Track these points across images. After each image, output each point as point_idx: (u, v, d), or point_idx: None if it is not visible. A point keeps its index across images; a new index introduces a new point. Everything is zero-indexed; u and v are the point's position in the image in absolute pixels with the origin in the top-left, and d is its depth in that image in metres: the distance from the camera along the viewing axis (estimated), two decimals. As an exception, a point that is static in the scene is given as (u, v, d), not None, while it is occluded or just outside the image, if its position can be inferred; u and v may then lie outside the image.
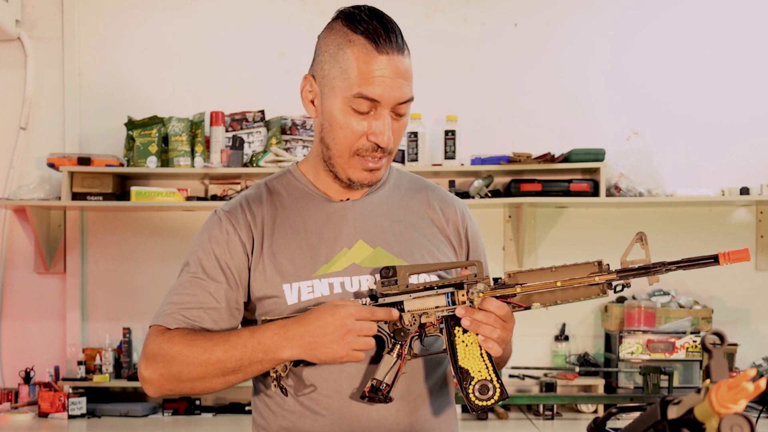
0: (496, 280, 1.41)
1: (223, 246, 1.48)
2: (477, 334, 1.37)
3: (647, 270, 1.36)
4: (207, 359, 1.37)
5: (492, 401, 1.37)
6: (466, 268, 1.43)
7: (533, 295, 1.39)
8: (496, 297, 1.39)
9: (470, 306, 1.39)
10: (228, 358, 1.37)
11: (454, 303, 1.40)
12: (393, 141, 1.45)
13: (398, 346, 1.40)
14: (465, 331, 1.38)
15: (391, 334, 1.40)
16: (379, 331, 1.40)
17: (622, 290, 1.41)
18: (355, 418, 1.44)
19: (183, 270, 1.50)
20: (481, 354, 1.38)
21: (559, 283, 1.37)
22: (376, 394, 1.39)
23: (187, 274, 1.48)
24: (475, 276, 1.41)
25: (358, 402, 1.44)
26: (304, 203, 1.52)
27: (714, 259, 1.33)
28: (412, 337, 1.41)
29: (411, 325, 1.40)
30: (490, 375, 1.38)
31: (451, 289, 1.40)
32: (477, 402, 1.38)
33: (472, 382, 1.38)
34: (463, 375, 1.38)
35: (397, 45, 1.41)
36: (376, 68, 1.39)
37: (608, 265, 1.39)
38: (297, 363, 1.40)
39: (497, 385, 1.37)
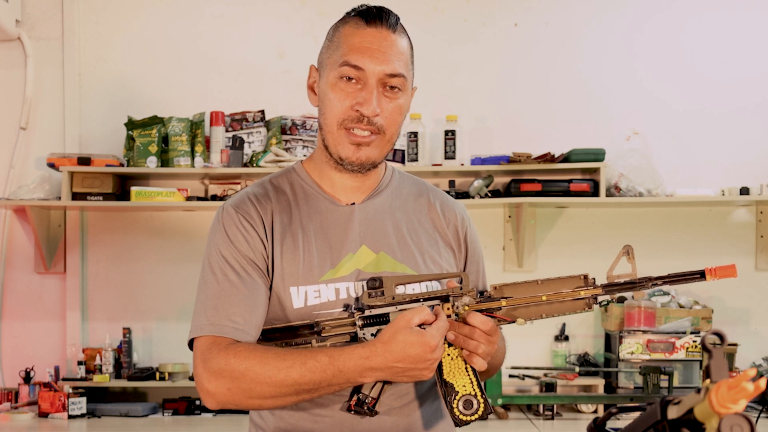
0: (481, 293, 1.41)
1: (244, 242, 1.45)
2: (462, 348, 1.38)
3: (633, 285, 1.37)
4: (282, 380, 1.34)
5: (476, 417, 1.38)
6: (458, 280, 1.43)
7: (518, 308, 1.39)
8: (482, 310, 1.39)
9: (456, 319, 1.39)
10: (305, 381, 1.33)
11: None
12: (382, 117, 1.44)
13: None
14: (450, 344, 1.38)
15: None
16: (364, 339, 1.40)
17: (607, 305, 1.42)
18: (356, 421, 1.44)
19: (209, 273, 1.45)
20: (466, 368, 1.38)
21: (544, 297, 1.38)
22: (361, 407, 1.38)
23: (218, 277, 1.44)
24: (461, 288, 1.40)
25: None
26: (311, 205, 1.51)
27: (701, 275, 1.34)
28: None
29: None
30: (474, 390, 1.38)
31: (436, 302, 1.40)
32: (461, 417, 1.38)
33: (457, 397, 1.38)
34: (447, 389, 1.38)
35: (387, 22, 1.45)
36: (363, 38, 1.44)
37: (594, 279, 1.40)
38: None
39: (481, 401, 1.38)
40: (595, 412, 3.27)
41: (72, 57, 3.57)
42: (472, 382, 1.38)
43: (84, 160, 3.36)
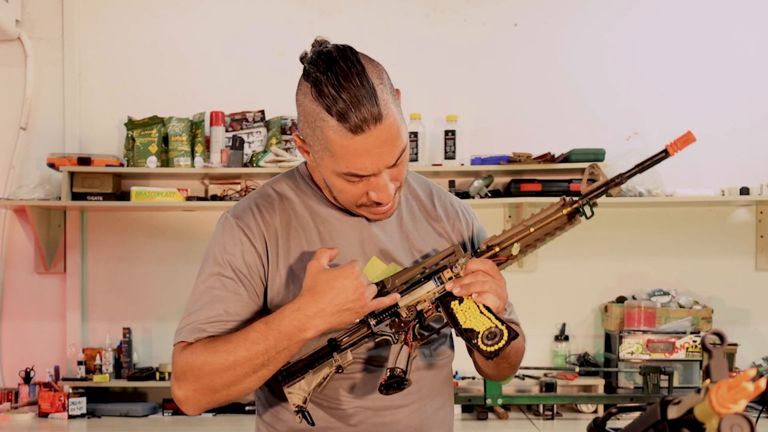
0: (475, 251, 1.44)
1: (239, 257, 1.44)
2: (471, 296, 1.38)
3: (607, 185, 1.45)
4: (234, 361, 1.34)
5: (503, 342, 1.37)
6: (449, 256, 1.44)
7: (513, 245, 1.43)
8: None
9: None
10: (254, 355, 1.34)
11: (442, 284, 1.41)
12: (395, 189, 1.41)
13: (402, 335, 1.41)
14: (461, 302, 1.39)
15: (393, 331, 1.41)
16: (381, 333, 1.41)
17: (592, 215, 1.46)
18: (370, 417, 1.46)
19: (201, 281, 1.45)
20: (481, 311, 1.39)
21: (532, 229, 1.43)
22: (393, 379, 1.38)
23: (204, 287, 1.44)
24: (455, 254, 1.43)
25: (369, 406, 1.45)
26: (317, 213, 1.49)
27: (664, 152, 1.39)
28: (414, 326, 1.42)
29: (409, 317, 1.42)
30: (493, 323, 1.38)
31: (437, 276, 1.42)
32: (488, 349, 1.37)
33: (479, 336, 1.37)
34: (469, 334, 1.38)
35: (372, 114, 1.30)
36: (358, 148, 1.32)
37: (572, 197, 1.46)
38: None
39: (503, 328, 1.37)
40: (595, 412, 3.27)
41: (72, 57, 3.57)
42: (489, 318, 1.38)
43: (84, 160, 3.36)
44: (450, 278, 1.41)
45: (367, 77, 1.32)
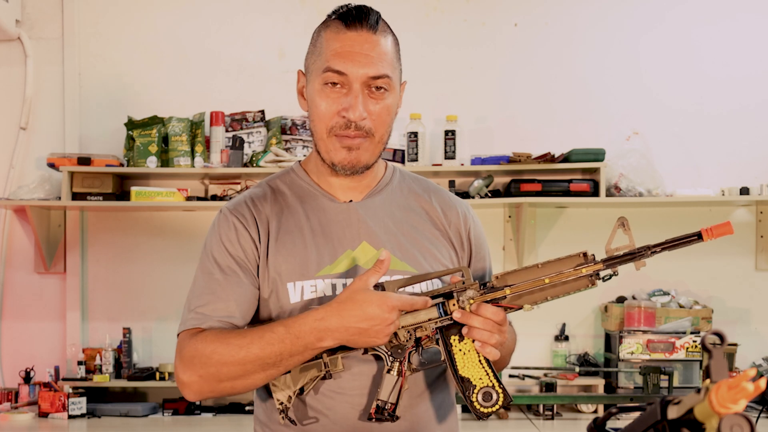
0: (484, 284, 1.40)
1: (235, 243, 1.47)
2: (473, 341, 1.37)
3: (633, 255, 1.38)
4: (244, 357, 1.35)
5: (496, 407, 1.38)
6: (460, 274, 1.43)
7: (523, 294, 1.38)
8: (487, 301, 1.38)
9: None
10: (266, 355, 1.35)
11: (446, 313, 1.39)
12: (369, 120, 1.44)
13: (397, 364, 1.40)
14: (461, 339, 1.38)
15: (389, 353, 1.40)
16: (376, 350, 1.40)
17: (609, 278, 1.41)
18: (357, 421, 1.45)
19: (198, 272, 1.49)
20: (480, 360, 1.38)
21: (547, 280, 1.38)
22: (382, 414, 1.38)
23: (204, 275, 1.48)
24: (464, 282, 1.40)
25: (356, 404, 1.44)
26: (308, 202, 1.53)
27: (698, 236, 1.32)
28: (410, 353, 1.40)
29: (407, 341, 1.40)
30: (491, 381, 1.38)
31: (441, 300, 1.40)
32: (482, 410, 1.38)
33: (475, 390, 1.38)
34: (465, 384, 1.38)
35: (368, 24, 1.44)
36: (344, 43, 1.43)
37: (593, 255, 1.41)
38: (302, 390, 1.41)
39: (500, 391, 1.38)
40: (595, 412, 3.27)
41: (72, 57, 3.57)
42: (488, 374, 1.38)
43: (84, 160, 3.36)
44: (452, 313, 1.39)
45: (378, 14, 1.48)
